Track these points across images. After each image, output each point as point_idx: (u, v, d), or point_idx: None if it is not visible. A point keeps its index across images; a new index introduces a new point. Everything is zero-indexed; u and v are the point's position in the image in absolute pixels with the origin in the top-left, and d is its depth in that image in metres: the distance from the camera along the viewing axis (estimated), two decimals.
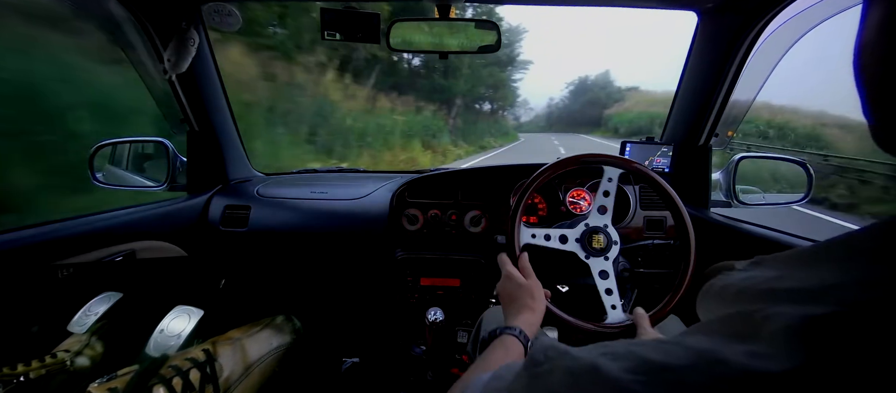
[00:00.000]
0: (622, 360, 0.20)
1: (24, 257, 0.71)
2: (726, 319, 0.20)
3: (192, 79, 0.96)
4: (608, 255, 0.68)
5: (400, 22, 0.88)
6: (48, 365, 0.74)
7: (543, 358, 0.24)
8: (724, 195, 1.02)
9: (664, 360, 0.18)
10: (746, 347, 0.17)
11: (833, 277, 0.18)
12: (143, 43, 0.90)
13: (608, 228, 0.69)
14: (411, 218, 1.00)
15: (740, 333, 0.18)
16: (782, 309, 0.17)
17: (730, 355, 0.17)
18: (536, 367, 0.24)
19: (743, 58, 0.86)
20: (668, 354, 0.19)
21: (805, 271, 0.19)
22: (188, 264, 0.99)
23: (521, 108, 71.19)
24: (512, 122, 37.42)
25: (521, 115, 66.77)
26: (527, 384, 0.24)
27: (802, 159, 0.96)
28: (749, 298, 0.20)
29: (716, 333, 0.20)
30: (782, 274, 0.20)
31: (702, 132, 0.98)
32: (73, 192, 1.97)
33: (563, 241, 0.69)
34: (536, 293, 0.60)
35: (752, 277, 0.21)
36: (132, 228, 0.88)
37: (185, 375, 0.70)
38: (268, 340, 0.90)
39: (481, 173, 1.05)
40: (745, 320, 0.19)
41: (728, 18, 0.84)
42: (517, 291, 0.59)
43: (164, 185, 1.02)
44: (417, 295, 1.01)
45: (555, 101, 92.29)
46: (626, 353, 0.20)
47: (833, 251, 0.20)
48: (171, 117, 1.02)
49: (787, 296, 0.18)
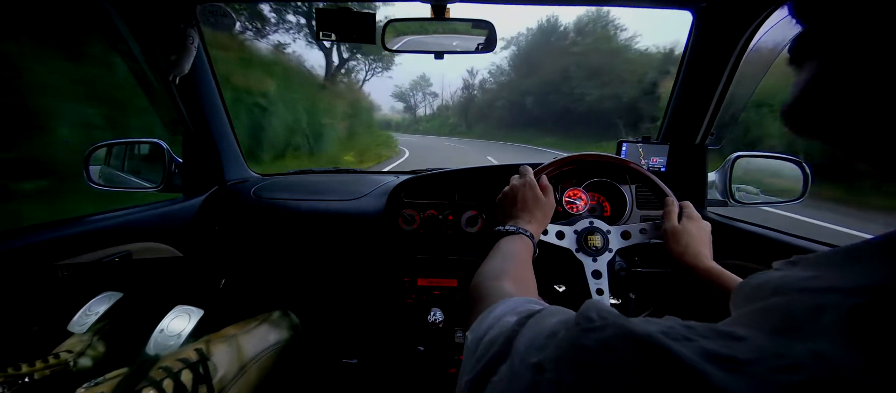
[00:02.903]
0: (684, 344, 0.19)
1: (22, 258, 0.71)
2: (765, 310, 0.20)
3: (188, 80, 0.95)
4: (603, 256, 0.69)
5: (395, 22, 0.88)
6: (51, 365, 0.75)
7: (596, 316, 0.23)
8: (720, 194, 1.03)
9: (729, 352, 0.18)
10: (809, 344, 0.17)
11: (868, 276, 0.18)
12: (137, 44, 0.89)
13: (605, 228, 0.70)
14: (408, 218, 1.01)
15: (786, 328, 0.18)
16: (827, 299, 0.17)
17: (797, 351, 0.17)
18: (589, 323, 0.22)
19: (739, 56, 0.85)
20: (730, 346, 0.18)
21: (839, 271, 0.20)
22: (186, 265, 1.00)
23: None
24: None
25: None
26: (577, 337, 0.22)
27: (799, 158, 0.96)
28: (787, 294, 0.20)
29: (757, 325, 0.19)
30: (818, 274, 0.20)
31: (698, 131, 0.98)
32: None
33: (560, 237, 0.70)
34: (549, 212, 0.61)
35: (788, 276, 0.21)
36: (128, 230, 0.89)
37: (177, 377, 0.68)
38: (264, 337, 0.89)
39: (478, 173, 1.05)
40: (785, 312, 0.19)
41: (723, 17, 0.84)
42: (534, 201, 0.59)
43: (160, 186, 1.02)
44: (414, 295, 1.02)
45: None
46: (687, 333, 0.19)
47: (866, 252, 0.20)
48: (167, 118, 1.02)
49: (824, 293, 0.18)
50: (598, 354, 0.20)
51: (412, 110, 46.25)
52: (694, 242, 0.63)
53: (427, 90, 46.03)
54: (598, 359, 0.20)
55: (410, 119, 44.38)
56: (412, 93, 47.04)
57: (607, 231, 0.70)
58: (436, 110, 43.93)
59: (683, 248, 0.63)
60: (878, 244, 0.20)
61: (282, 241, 1.03)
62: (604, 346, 0.20)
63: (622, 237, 0.73)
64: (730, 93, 0.91)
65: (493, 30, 0.88)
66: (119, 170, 1.10)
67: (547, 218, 0.60)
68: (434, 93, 46.07)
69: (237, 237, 1.01)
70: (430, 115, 43.77)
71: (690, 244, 0.63)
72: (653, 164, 1.04)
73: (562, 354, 0.22)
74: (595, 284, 0.68)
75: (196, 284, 1.07)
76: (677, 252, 0.64)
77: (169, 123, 1.04)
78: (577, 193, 1.01)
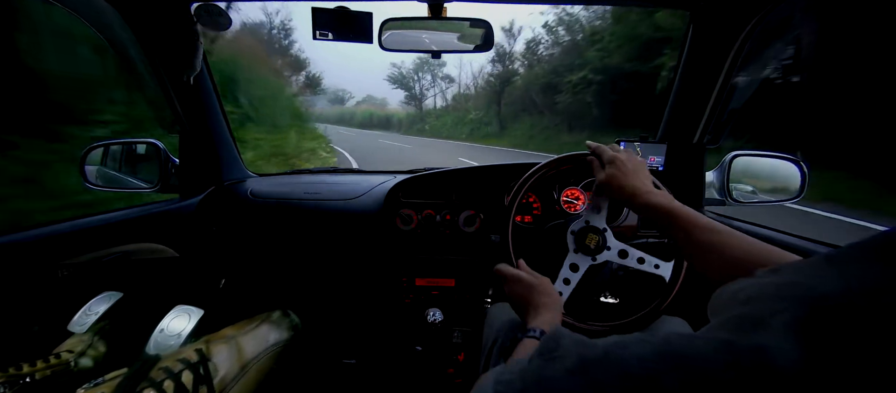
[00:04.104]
0: (634, 346, 0.21)
1: (18, 257, 0.71)
2: (736, 317, 0.21)
3: (185, 79, 0.95)
4: (598, 257, 0.69)
5: (392, 21, 0.87)
6: (52, 365, 0.75)
7: (556, 345, 0.25)
8: (718, 193, 1.03)
9: (677, 349, 0.20)
10: (754, 340, 0.18)
11: (841, 282, 0.18)
12: (133, 44, 0.89)
13: (601, 226, 0.70)
14: (405, 218, 1.01)
15: (748, 330, 0.19)
16: (788, 305, 0.18)
17: (740, 344, 0.18)
18: (551, 352, 0.25)
19: (736, 55, 0.85)
20: (680, 344, 0.20)
21: (818, 277, 0.20)
22: (184, 265, 1.00)
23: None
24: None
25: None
26: (540, 366, 0.25)
27: (797, 157, 0.96)
28: (759, 301, 0.21)
29: (725, 328, 0.20)
30: (796, 280, 0.21)
31: (696, 130, 0.98)
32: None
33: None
34: (547, 288, 0.60)
35: (764, 283, 0.22)
36: (125, 230, 0.89)
37: (177, 378, 0.68)
38: (264, 337, 0.89)
39: (476, 173, 1.05)
40: (754, 318, 0.19)
41: (721, 16, 0.83)
42: (528, 292, 0.59)
43: (156, 186, 1.02)
44: (412, 295, 1.02)
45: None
46: (640, 341, 0.22)
47: (845, 257, 0.20)
48: (163, 118, 1.02)
49: (795, 297, 0.19)
50: (561, 382, 0.23)
51: (417, 101, 31.76)
52: (624, 183, 0.57)
53: (438, 71, 30.20)
54: (562, 386, 0.23)
55: (415, 114, 30.70)
56: (417, 76, 31.29)
57: (603, 230, 0.70)
58: (450, 102, 28.64)
59: (618, 193, 0.58)
60: (856, 249, 0.20)
61: (279, 241, 1.03)
62: (567, 373, 0.23)
63: (619, 237, 0.73)
64: (728, 92, 0.91)
65: (491, 28, 0.87)
66: (116, 170, 1.10)
67: (549, 294, 0.58)
68: (448, 76, 30.29)
69: (235, 237, 1.02)
70: (442, 108, 29.14)
71: (624, 186, 0.57)
72: (651, 163, 1.04)
73: (527, 386, 0.24)
74: (566, 274, 0.69)
75: (195, 284, 1.08)
76: (620, 199, 0.59)
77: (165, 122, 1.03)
78: (574, 193, 1.01)
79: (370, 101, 48.85)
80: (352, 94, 50.22)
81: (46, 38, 2.29)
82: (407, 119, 30.25)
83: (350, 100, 48.93)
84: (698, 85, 0.94)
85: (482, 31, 0.88)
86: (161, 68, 0.91)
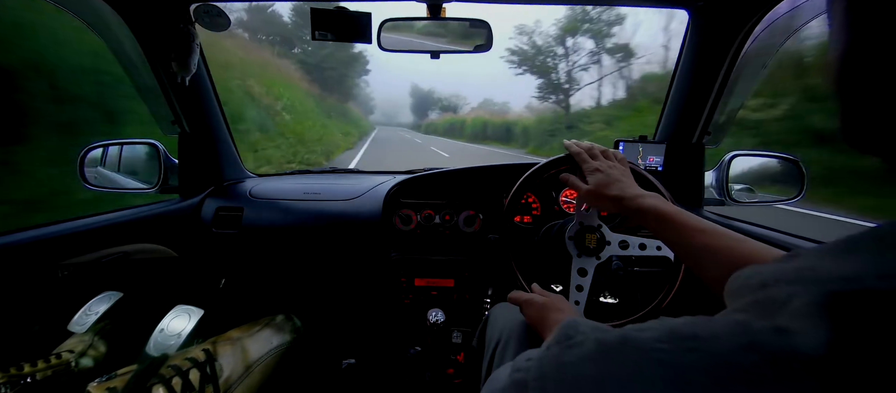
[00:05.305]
0: (650, 331, 0.21)
1: (18, 257, 0.72)
2: (753, 302, 0.21)
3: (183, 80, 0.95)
4: (601, 255, 0.69)
5: (391, 21, 0.87)
6: (53, 365, 0.76)
7: (574, 332, 0.25)
8: (717, 193, 1.03)
9: (693, 330, 0.20)
10: (773, 321, 0.18)
11: (861, 265, 0.18)
12: (131, 44, 0.89)
13: (597, 224, 0.70)
14: (405, 218, 1.01)
15: (766, 312, 0.19)
16: (809, 287, 0.18)
17: (757, 327, 0.18)
18: (568, 340, 0.25)
19: (735, 55, 0.85)
20: (696, 325, 0.20)
21: (836, 262, 0.20)
22: (184, 265, 1.00)
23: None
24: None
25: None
26: (558, 355, 0.25)
27: (796, 157, 0.96)
28: (775, 285, 0.21)
29: (742, 312, 0.20)
30: (813, 264, 0.21)
31: (694, 130, 0.98)
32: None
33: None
34: (559, 303, 0.59)
35: (781, 268, 0.22)
36: (125, 231, 0.89)
37: (185, 375, 0.71)
38: (268, 340, 0.91)
39: (474, 173, 1.05)
40: (775, 300, 0.19)
41: (720, 16, 0.83)
42: (544, 312, 0.58)
43: (155, 187, 1.02)
44: (412, 295, 1.02)
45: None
46: (657, 325, 0.22)
47: (864, 242, 0.20)
48: (162, 119, 1.02)
49: (817, 280, 0.19)
50: (580, 367, 0.23)
51: (561, 93, 19.39)
52: (609, 192, 0.56)
53: (604, 42, 17.78)
54: (581, 371, 0.22)
55: (555, 116, 19.01)
56: (565, 46, 19.31)
57: (599, 226, 0.70)
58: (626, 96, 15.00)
59: (605, 202, 0.57)
60: (875, 234, 0.20)
61: (278, 241, 1.03)
62: (586, 358, 0.23)
63: (614, 230, 0.73)
64: (726, 92, 0.91)
65: (490, 29, 0.87)
66: (115, 171, 1.10)
67: (562, 309, 0.58)
68: (633, 50, 17.67)
69: (234, 237, 1.02)
70: (610, 103, 15.98)
71: (610, 195, 0.56)
72: (650, 163, 1.04)
73: (545, 373, 0.23)
74: (577, 279, 0.69)
75: (196, 284, 1.08)
76: (607, 209, 0.58)
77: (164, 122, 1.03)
78: (573, 193, 1.01)
79: (487, 106, 44.21)
80: (467, 99, 46.56)
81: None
82: (537, 127, 18.36)
83: (464, 106, 46.03)
84: (697, 85, 0.93)
85: (480, 31, 0.88)
86: (160, 69, 0.91)
